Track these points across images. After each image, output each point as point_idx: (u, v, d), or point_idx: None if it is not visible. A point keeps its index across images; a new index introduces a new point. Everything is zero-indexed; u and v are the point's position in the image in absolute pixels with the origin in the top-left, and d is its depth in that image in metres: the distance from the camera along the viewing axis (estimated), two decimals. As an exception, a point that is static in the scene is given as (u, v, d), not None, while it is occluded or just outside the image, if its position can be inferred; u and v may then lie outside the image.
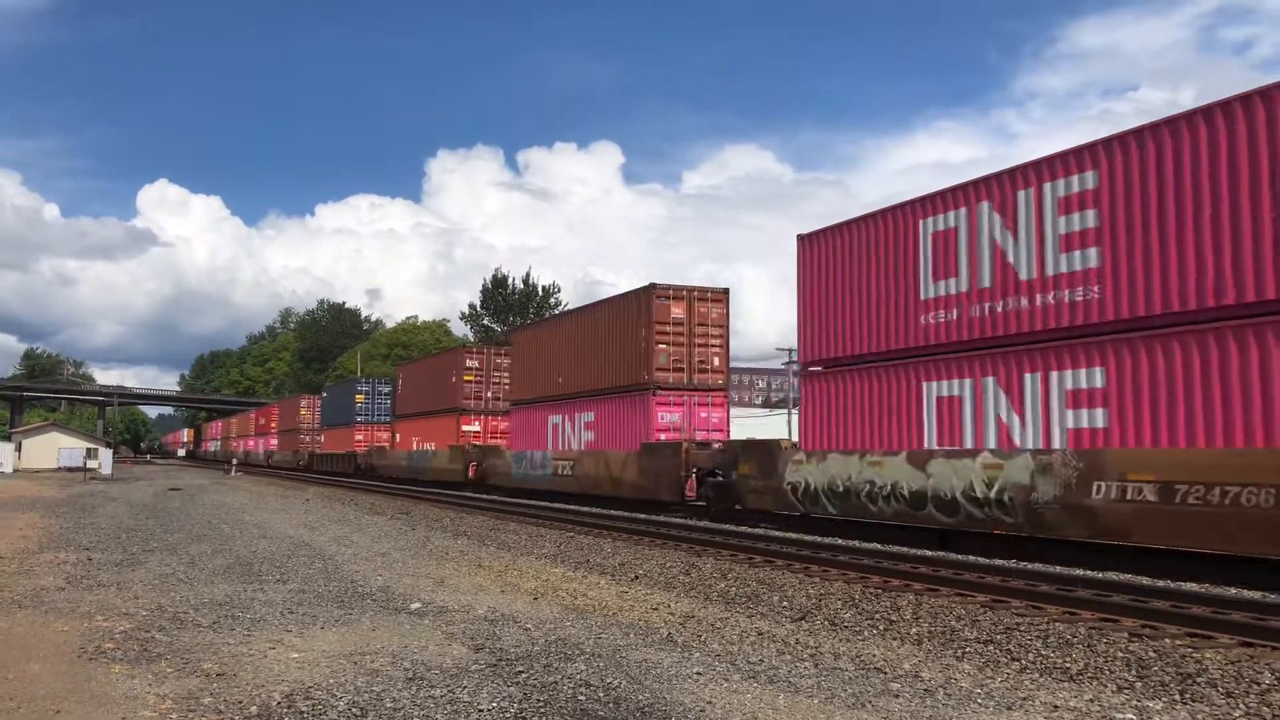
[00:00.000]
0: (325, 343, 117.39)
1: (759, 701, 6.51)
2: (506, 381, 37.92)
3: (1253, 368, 12.36)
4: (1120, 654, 8.01)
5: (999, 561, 13.51)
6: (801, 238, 20.67)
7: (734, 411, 43.71)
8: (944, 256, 17.07)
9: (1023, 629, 9.10)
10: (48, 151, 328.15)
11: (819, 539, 16.90)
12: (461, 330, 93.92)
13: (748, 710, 6.29)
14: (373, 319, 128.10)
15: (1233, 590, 11.09)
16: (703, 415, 26.85)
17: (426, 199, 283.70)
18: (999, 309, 15.98)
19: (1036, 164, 15.54)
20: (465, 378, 39.57)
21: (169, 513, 25.11)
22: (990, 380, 16.01)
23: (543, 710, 6.22)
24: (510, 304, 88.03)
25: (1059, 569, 12.77)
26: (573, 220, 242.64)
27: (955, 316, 16.79)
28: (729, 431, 27.23)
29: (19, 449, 67.11)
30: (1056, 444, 14.63)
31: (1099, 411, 14.25)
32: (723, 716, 6.14)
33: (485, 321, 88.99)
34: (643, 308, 26.66)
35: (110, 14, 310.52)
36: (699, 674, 7.27)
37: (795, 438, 22.08)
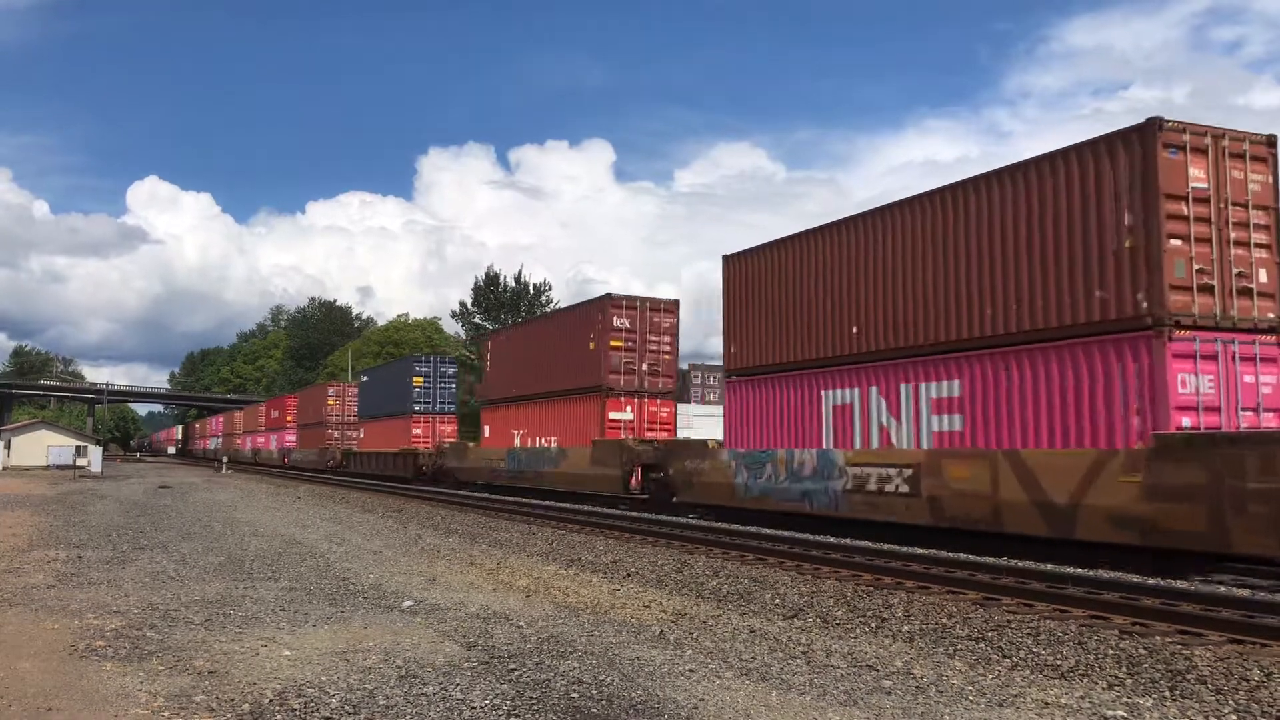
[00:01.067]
0: (316, 340, 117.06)
1: (751, 699, 6.52)
2: (667, 348, 28.73)
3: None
4: (1111, 651, 8.05)
5: (990, 559, 13.55)
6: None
7: (702, 409, 46.60)
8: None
9: (1014, 626, 9.14)
10: (37, 148, 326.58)
11: (809, 536, 16.95)
12: (453, 328, 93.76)
13: (740, 708, 6.30)
14: (364, 317, 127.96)
15: (1222, 588, 11.15)
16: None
17: (418, 196, 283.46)
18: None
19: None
20: (611, 343, 27.97)
21: (160, 510, 25.03)
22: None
23: (535, 707, 6.22)
24: (502, 302, 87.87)
25: (1049, 567, 12.82)
26: (564, 218, 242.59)
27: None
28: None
29: (8, 447, 66.74)
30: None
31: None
32: (715, 714, 6.16)
33: (477, 319, 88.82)
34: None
35: (100, 10, 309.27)
36: (691, 671, 7.28)
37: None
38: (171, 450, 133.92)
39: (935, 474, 16.18)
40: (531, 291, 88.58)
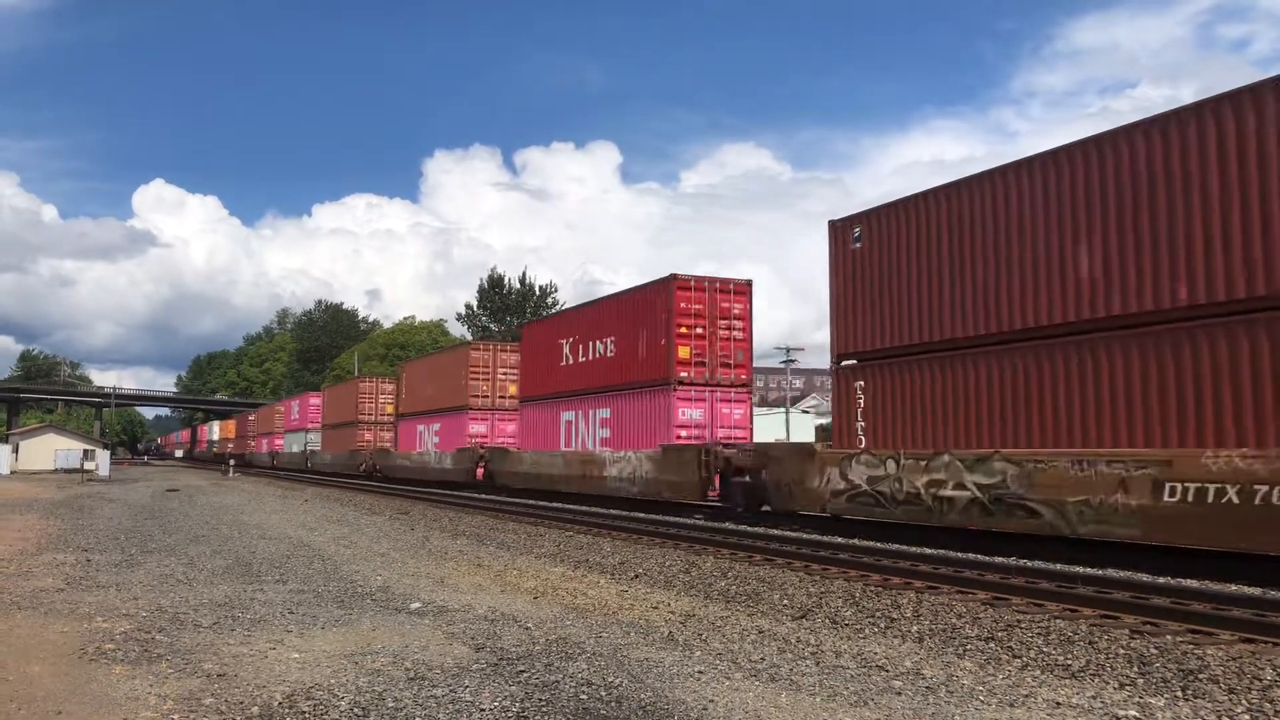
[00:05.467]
0: (323, 343, 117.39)
1: (761, 700, 6.50)
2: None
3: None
4: (1122, 651, 8.01)
5: (999, 559, 13.51)
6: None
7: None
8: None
9: (1024, 626, 9.10)
10: (45, 152, 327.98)
11: (819, 538, 16.93)
12: (459, 330, 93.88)
13: (750, 709, 6.28)
14: (370, 319, 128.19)
15: (1233, 587, 11.10)
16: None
17: (424, 199, 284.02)
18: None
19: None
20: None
21: (167, 514, 25.08)
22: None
23: (544, 709, 6.21)
24: (507, 304, 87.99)
25: (1059, 566, 12.78)
26: (570, 219, 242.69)
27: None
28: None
29: (16, 451, 67.00)
30: None
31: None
32: (724, 715, 6.14)
33: (483, 321, 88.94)
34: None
35: (107, 14, 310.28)
36: (700, 673, 7.26)
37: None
38: (179, 454, 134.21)
39: None
40: (537, 293, 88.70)
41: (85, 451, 60.60)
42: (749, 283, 26.12)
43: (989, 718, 6.15)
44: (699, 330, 24.93)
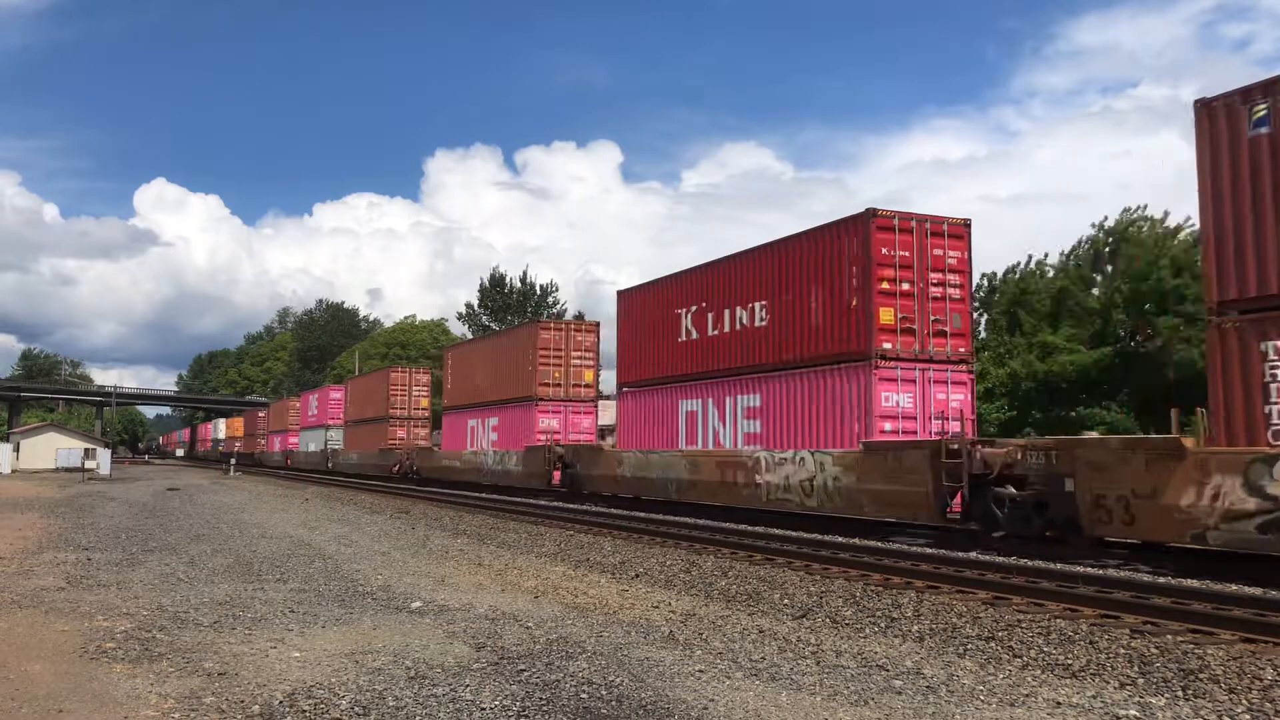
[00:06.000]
0: (323, 342, 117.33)
1: (761, 699, 6.51)
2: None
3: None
4: (1122, 650, 8.01)
5: (999, 559, 13.51)
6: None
7: None
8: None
9: (1024, 626, 9.10)
10: (46, 151, 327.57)
11: (818, 536, 16.92)
12: (460, 330, 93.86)
13: (750, 708, 6.28)
14: (371, 318, 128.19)
15: (1233, 586, 11.10)
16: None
17: (425, 198, 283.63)
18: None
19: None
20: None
21: (168, 513, 25.09)
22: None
23: (545, 708, 6.21)
24: (509, 303, 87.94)
25: (1059, 566, 12.77)
26: (572, 219, 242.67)
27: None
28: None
29: (17, 449, 67.01)
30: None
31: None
32: (725, 714, 6.14)
33: (483, 320, 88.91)
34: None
35: (108, 13, 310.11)
36: (701, 672, 7.27)
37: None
38: (180, 453, 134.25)
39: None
40: (538, 292, 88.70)
41: (86, 450, 60.58)
42: (967, 224, 19.91)
43: (990, 717, 6.16)
44: (905, 286, 18.76)
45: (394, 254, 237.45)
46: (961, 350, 19.53)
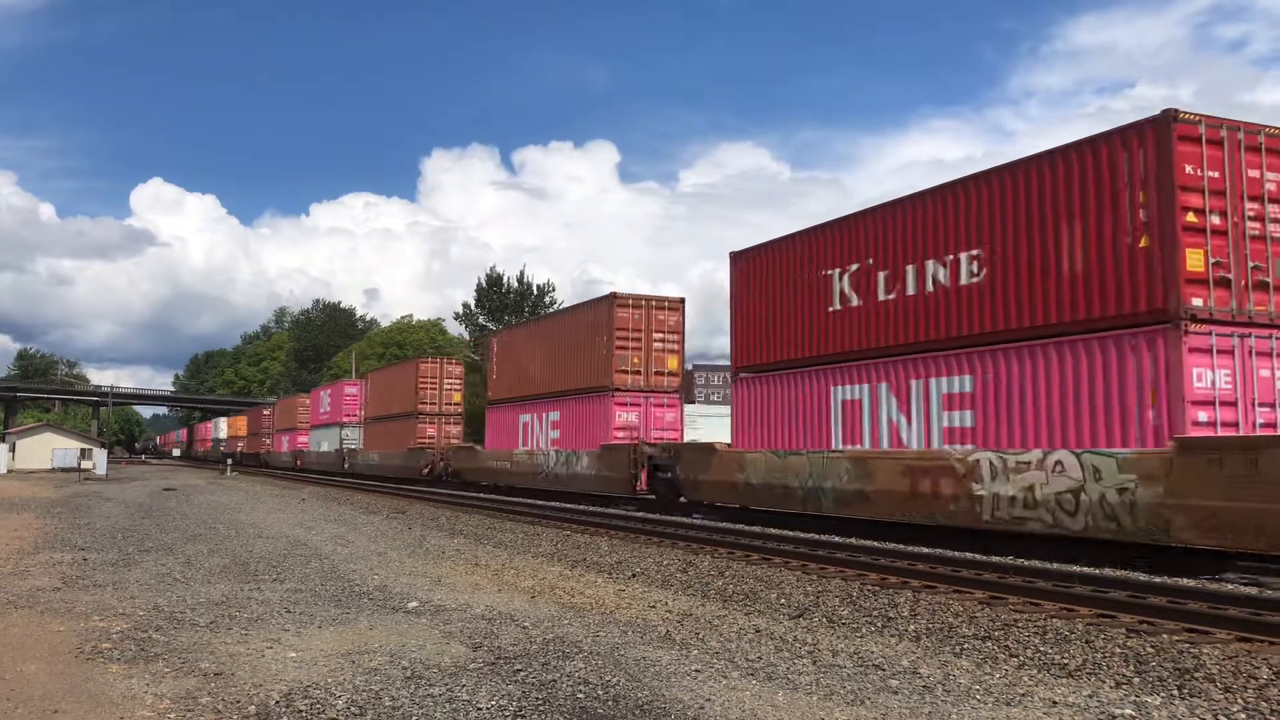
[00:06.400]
0: (320, 342, 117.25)
1: (757, 699, 6.51)
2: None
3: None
4: (1118, 650, 8.02)
5: (995, 558, 13.52)
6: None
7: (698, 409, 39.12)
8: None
9: (1020, 625, 9.11)
10: (42, 151, 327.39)
11: (816, 536, 16.91)
12: (456, 329, 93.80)
13: (746, 707, 6.28)
14: (368, 318, 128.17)
15: (1229, 586, 11.12)
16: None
17: (422, 198, 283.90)
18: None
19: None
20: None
21: (165, 513, 25.06)
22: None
23: (541, 708, 6.21)
24: (505, 303, 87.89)
25: (1056, 566, 12.79)
26: (569, 219, 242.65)
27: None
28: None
29: (13, 450, 66.94)
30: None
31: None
32: (721, 714, 6.14)
33: (480, 320, 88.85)
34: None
35: (104, 13, 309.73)
36: (697, 671, 7.27)
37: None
38: (176, 453, 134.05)
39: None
40: (535, 292, 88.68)
41: (82, 450, 60.57)
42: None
43: (986, 716, 6.16)
44: (1216, 220, 13.48)
45: (391, 254, 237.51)
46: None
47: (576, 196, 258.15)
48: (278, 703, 6.26)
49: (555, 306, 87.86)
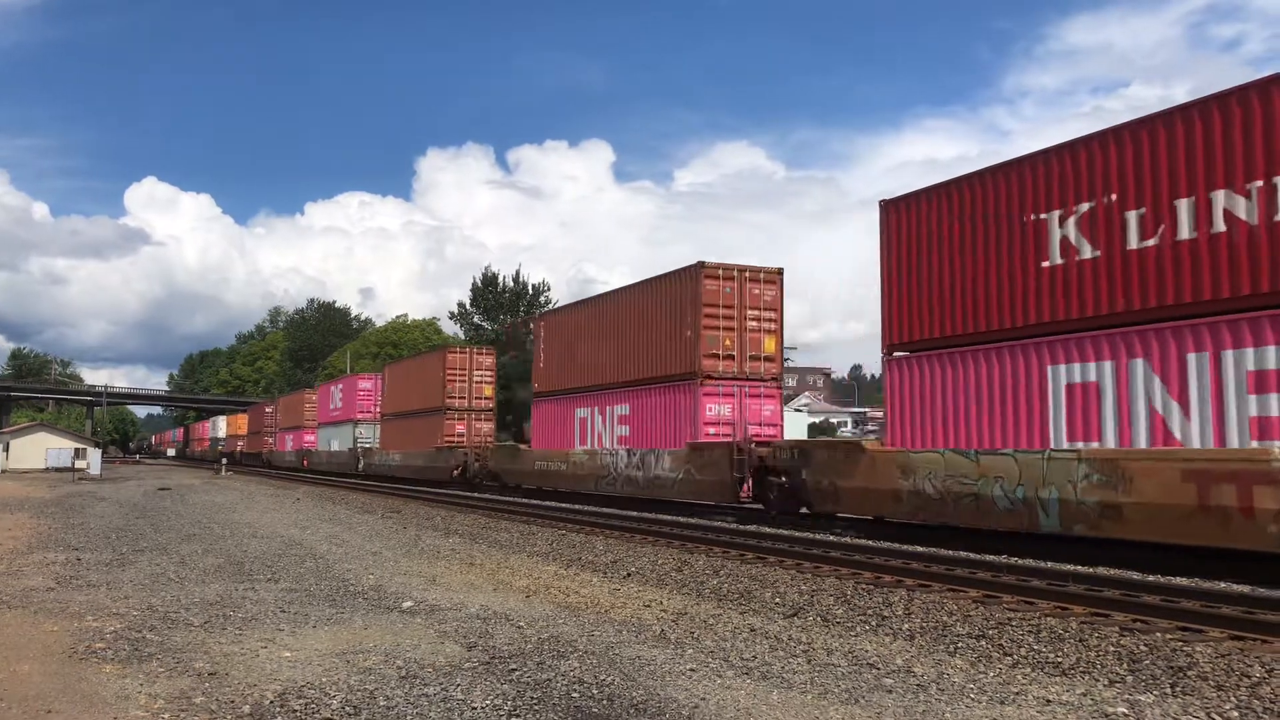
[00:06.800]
0: (315, 342, 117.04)
1: (752, 698, 6.51)
2: None
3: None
4: (1112, 648, 8.04)
5: (989, 557, 13.54)
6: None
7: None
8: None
9: (1015, 624, 9.13)
10: (37, 150, 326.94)
11: (809, 535, 16.91)
12: (451, 329, 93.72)
13: (741, 706, 6.29)
14: (362, 318, 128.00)
15: (1222, 584, 11.15)
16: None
17: (417, 197, 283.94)
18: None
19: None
20: None
21: (159, 512, 25.01)
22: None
23: (536, 708, 6.21)
24: (501, 302, 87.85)
25: (1050, 565, 12.81)
26: (564, 218, 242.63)
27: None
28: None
29: (6, 449, 66.77)
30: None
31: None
32: (716, 713, 6.15)
33: (475, 320, 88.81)
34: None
35: (99, 12, 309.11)
36: (692, 671, 7.27)
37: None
38: (171, 453, 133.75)
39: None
40: (530, 292, 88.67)
41: (76, 450, 60.44)
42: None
43: (980, 715, 6.17)
44: None
45: (386, 253, 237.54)
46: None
47: (572, 196, 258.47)
48: (272, 702, 6.25)
49: (550, 305, 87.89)
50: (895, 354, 17.64)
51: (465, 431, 39.09)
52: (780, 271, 24.42)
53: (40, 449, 69.68)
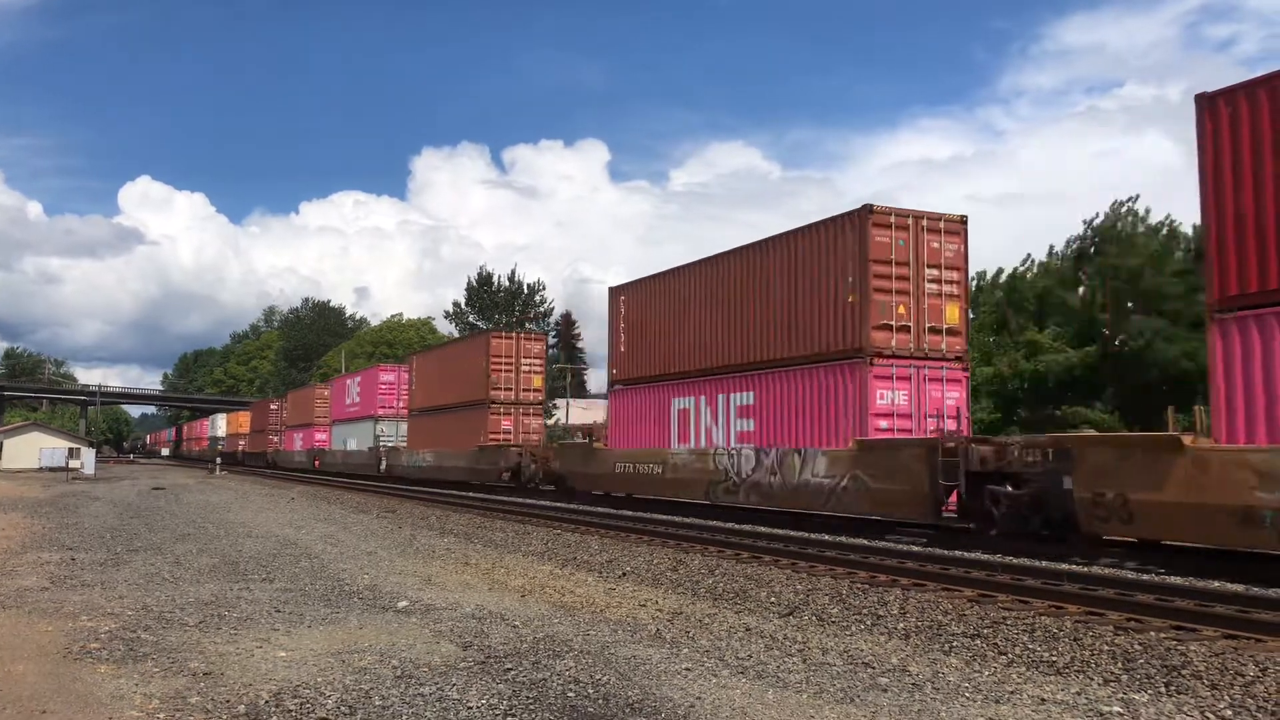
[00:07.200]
0: (310, 341, 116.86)
1: (748, 697, 6.52)
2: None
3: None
4: (1106, 647, 8.05)
5: (984, 556, 13.57)
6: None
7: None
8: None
9: (1009, 623, 9.15)
10: (30, 149, 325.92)
11: (805, 535, 16.92)
12: (446, 328, 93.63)
13: (736, 705, 6.29)
14: (358, 317, 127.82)
15: (1216, 583, 11.18)
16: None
17: (412, 196, 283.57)
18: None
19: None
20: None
21: (153, 512, 24.95)
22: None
23: (532, 707, 6.21)
24: (496, 302, 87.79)
25: (1045, 564, 12.84)
26: (560, 218, 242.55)
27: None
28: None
29: (0, 449, 66.54)
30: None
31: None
32: (712, 712, 6.15)
33: (470, 319, 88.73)
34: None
35: (94, 11, 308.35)
36: (688, 670, 7.27)
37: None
38: (165, 452, 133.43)
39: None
40: (525, 291, 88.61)
41: (70, 450, 60.25)
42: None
43: (975, 714, 6.18)
44: None
45: (381, 252, 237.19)
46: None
47: (567, 195, 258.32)
48: (267, 702, 6.24)
49: (546, 305, 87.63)
50: (1234, 311, 12.68)
51: (512, 428, 35.01)
52: (964, 220, 19.46)
53: (34, 448, 69.43)
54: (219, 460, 71.75)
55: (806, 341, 19.89)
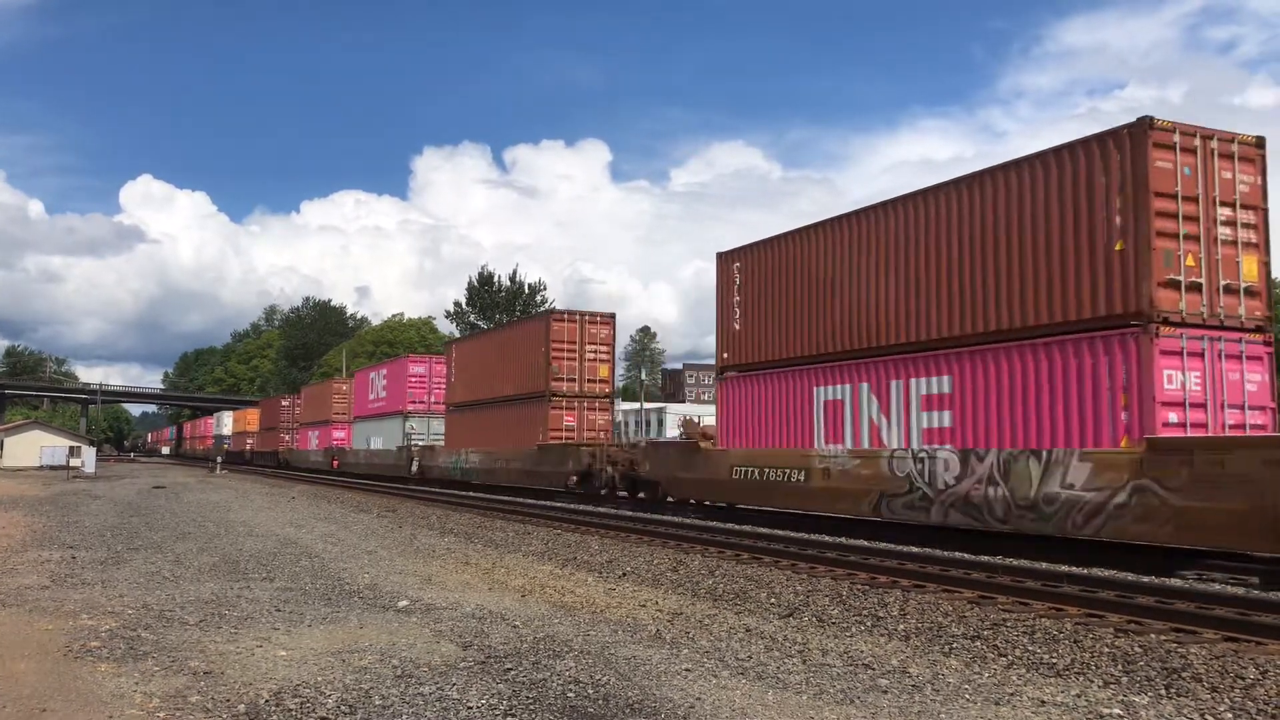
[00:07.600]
0: (311, 340, 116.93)
1: (748, 698, 6.52)
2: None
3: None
4: (1106, 649, 8.05)
5: (985, 558, 13.56)
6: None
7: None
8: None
9: (1009, 625, 9.15)
10: (31, 148, 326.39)
11: (805, 536, 16.93)
12: (447, 328, 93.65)
13: (736, 706, 6.30)
14: (358, 316, 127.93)
15: (1216, 586, 11.18)
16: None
17: (413, 196, 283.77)
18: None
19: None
20: None
21: (154, 511, 24.96)
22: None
23: (532, 707, 6.21)
24: (497, 302, 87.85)
25: (1045, 565, 12.84)
26: (560, 217, 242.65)
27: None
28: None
29: (1, 447, 66.58)
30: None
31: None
32: (711, 713, 6.15)
33: (471, 319, 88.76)
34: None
35: (94, 9, 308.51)
36: (688, 670, 7.28)
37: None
38: (165, 451, 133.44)
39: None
40: (526, 291, 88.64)
41: (71, 448, 60.23)
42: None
43: (975, 716, 6.18)
44: None
45: (382, 252, 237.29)
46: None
47: (568, 195, 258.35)
48: (267, 701, 6.24)
49: (546, 306, 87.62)
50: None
51: (575, 424, 30.39)
52: (1262, 143, 14.61)
53: (35, 447, 69.43)
54: (220, 459, 71.71)
55: (1044, 307, 14.85)
